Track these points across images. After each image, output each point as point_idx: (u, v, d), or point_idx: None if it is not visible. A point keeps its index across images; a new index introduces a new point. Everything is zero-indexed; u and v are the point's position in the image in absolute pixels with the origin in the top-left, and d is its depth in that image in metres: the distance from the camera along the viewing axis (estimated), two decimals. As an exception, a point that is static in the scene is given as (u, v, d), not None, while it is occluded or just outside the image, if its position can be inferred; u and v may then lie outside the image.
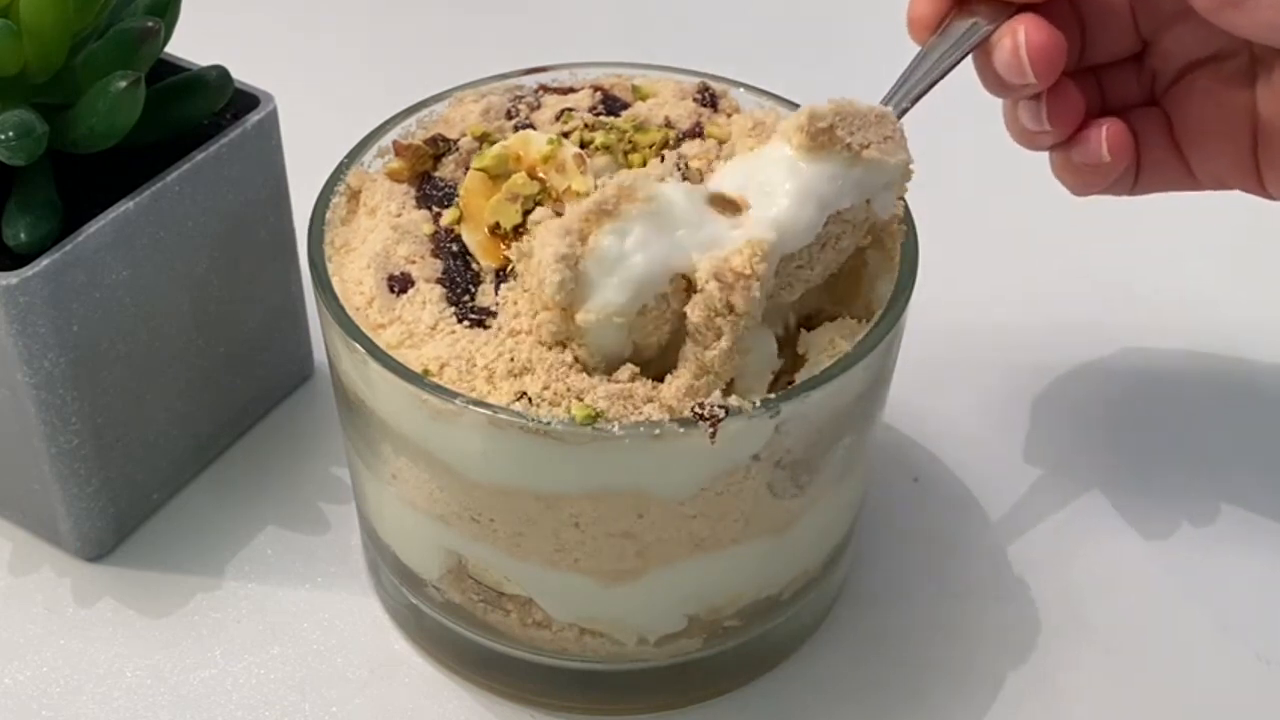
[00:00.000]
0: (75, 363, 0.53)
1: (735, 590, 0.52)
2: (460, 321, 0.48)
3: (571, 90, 0.57)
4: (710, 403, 0.46)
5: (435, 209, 0.52)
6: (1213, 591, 0.59)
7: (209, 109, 0.56)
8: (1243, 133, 0.53)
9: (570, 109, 0.55)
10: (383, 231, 0.51)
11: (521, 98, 0.57)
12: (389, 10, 0.90)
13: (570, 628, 0.52)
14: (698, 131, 0.54)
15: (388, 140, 0.55)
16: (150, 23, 0.53)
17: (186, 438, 0.60)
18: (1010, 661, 0.56)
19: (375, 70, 0.84)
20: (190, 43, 0.59)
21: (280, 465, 0.62)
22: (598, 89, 0.57)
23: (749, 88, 0.57)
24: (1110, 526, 0.61)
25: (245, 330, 0.61)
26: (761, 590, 0.52)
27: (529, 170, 0.51)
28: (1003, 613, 0.58)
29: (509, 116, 0.56)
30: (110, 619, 0.57)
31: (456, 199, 0.52)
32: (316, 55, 0.86)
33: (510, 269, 0.49)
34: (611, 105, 0.56)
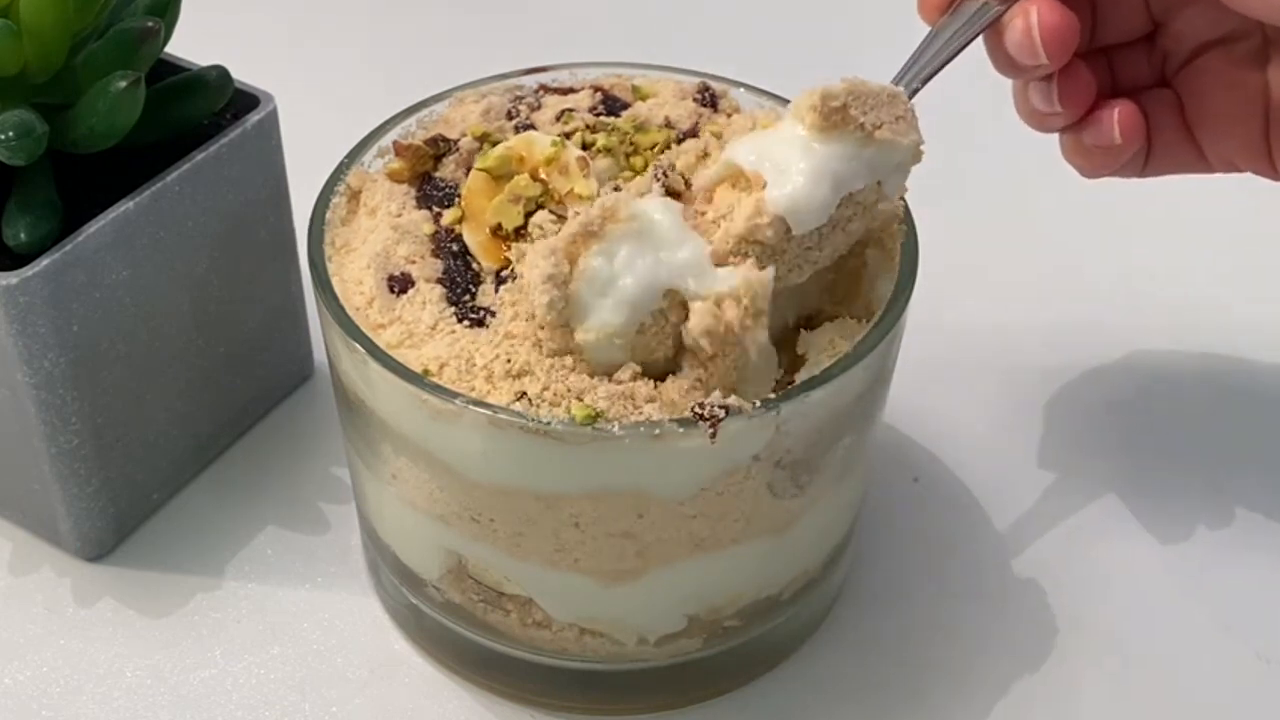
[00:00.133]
0: (75, 363, 0.53)
1: (735, 590, 0.52)
2: (460, 321, 0.48)
3: (571, 90, 0.57)
4: (710, 403, 0.46)
5: (435, 209, 0.52)
6: (1213, 591, 0.59)
7: (209, 109, 0.56)
8: (1254, 115, 0.53)
9: (570, 109, 0.55)
10: (383, 232, 0.51)
11: (522, 98, 0.57)
12: (389, 10, 0.90)
13: (570, 628, 0.52)
14: (698, 132, 0.54)
15: (388, 140, 0.55)
16: (150, 23, 0.53)
17: (186, 438, 0.60)
18: (1010, 662, 0.56)
19: (375, 70, 0.84)
20: (190, 43, 0.59)
21: (280, 465, 0.62)
22: (598, 89, 0.57)
23: (749, 88, 0.57)
24: (1110, 526, 0.61)
25: (245, 330, 0.61)
26: (761, 590, 0.52)
27: (532, 172, 0.51)
28: (1003, 613, 0.58)
29: (509, 117, 0.56)
30: (110, 619, 0.57)
31: (457, 199, 0.52)
32: (316, 55, 0.86)
33: (511, 269, 0.49)
34: (611, 105, 0.56)
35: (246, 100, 0.57)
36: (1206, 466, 0.63)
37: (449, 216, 0.51)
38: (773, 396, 0.46)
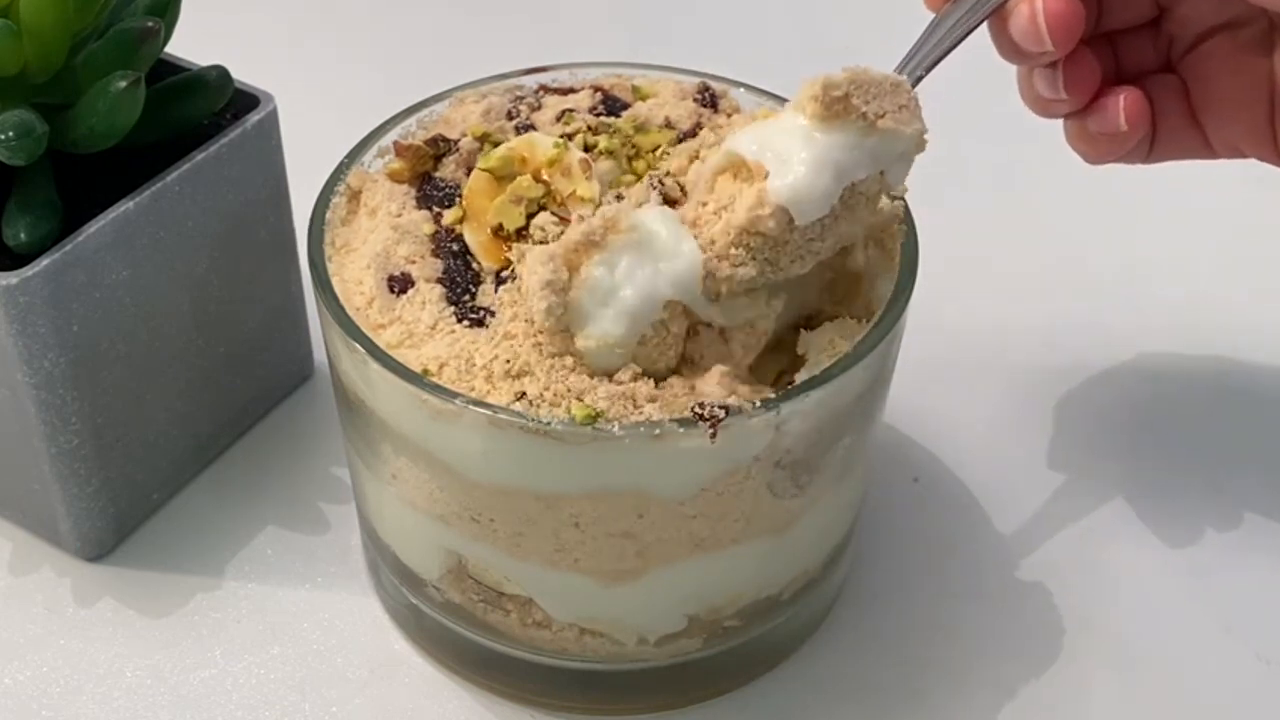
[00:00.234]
0: (75, 363, 0.53)
1: (735, 590, 0.52)
2: (460, 321, 0.48)
3: (572, 90, 0.57)
4: (710, 403, 0.46)
5: (436, 209, 0.52)
6: (1213, 591, 0.59)
7: (209, 109, 0.56)
8: (1260, 100, 0.52)
9: (571, 109, 0.55)
10: (383, 232, 0.51)
11: (522, 98, 0.57)
12: (389, 10, 0.90)
13: (570, 628, 0.52)
14: (698, 132, 0.54)
15: (388, 140, 0.55)
16: (150, 23, 0.53)
17: (186, 438, 0.60)
18: (1010, 662, 0.56)
19: (375, 70, 0.84)
20: (190, 43, 0.59)
21: (280, 465, 0.62)
22: (598, 89, 0.57)
23: (749, 88, 0.57)
24: (1111, 526, 0.61)
25: (245, 330, 0.61)
26: (761, 590, 0.52)
27: (534, 173, 0.51)
28: (1003, 613, 0.58)
29: (510, 117, 0.56)
30: (110, 619, 0.57)
31: (458, 199, 0.52)
32: (316, 55, 0.86)
33: (512, 270, 0.49)
34: (611, 105, 0.56)
35: (246, 100, 0.57)
36: (1207, 467, 0.63)
37: (450, 216, 0.51)
38: (773, 396, 0.46)
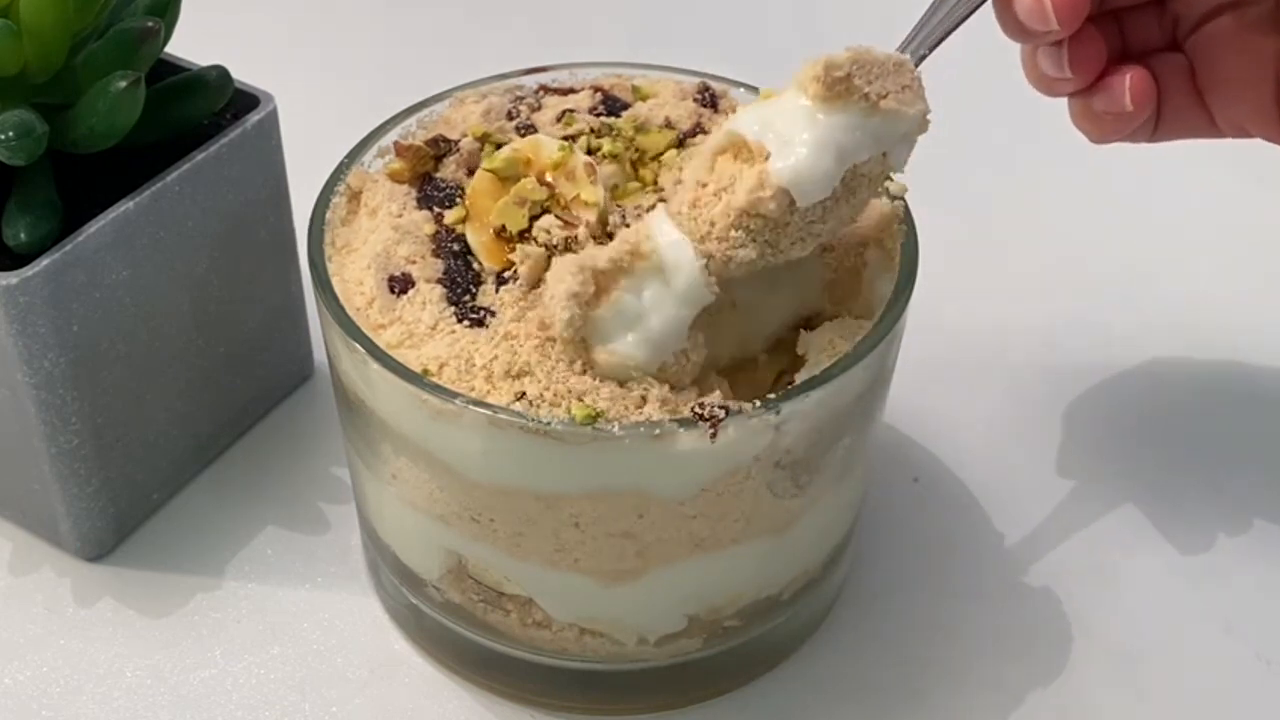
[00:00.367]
0: (75, 363, 0.53)
1: (735, 590, 0.52)
2: (460, 321, 0.48)
3: (572, 91, 0.57)
4: (710, 403, 0.46)
5: (436, 209, 0.52)
6: (1213, 591, 0.59)
7: (209, 109, 0.56)
8: (1266, 79, 0.52)
9: (571, 110, 0.55)
10: (383, 232, 0.51)
11: (522, 98, 0.57)
12: (389, 11, 0.90)
13: (570, 628, 0.52)
14: (698, 132, 0.54)
15: (388, 140, 0.55)
16: (150, 23, 0.53)
17: (186, 438, 0.60)
18: (1010, 662, 0.56)
19: (375, 70, 0.84)
20: (190, 43, 0.59)
21: (280, 465, 0.62)
22: (598, 89, 0.57)
23: (749, 88, 0.57)
24: (1111, 525, 0.61)
25: (245, 330, 0.61)
26: (761, 590, 0.52)
27: (538, 175, 0.51)
28: (1003, 613, 0.58)
29: (510, 117, 0.56)
30: (110, 619, 0.57)
31: (458, 199, 0.52)
32: (316, 55, 0.86)
33: (513, 271, 0.49)
34: (612, 106, 0.56)
35: (246, 100, 0.57)
36: (1207, 466, 0.63)
37: (452, 216, 0.51)
38: (773, 396, 0.46)
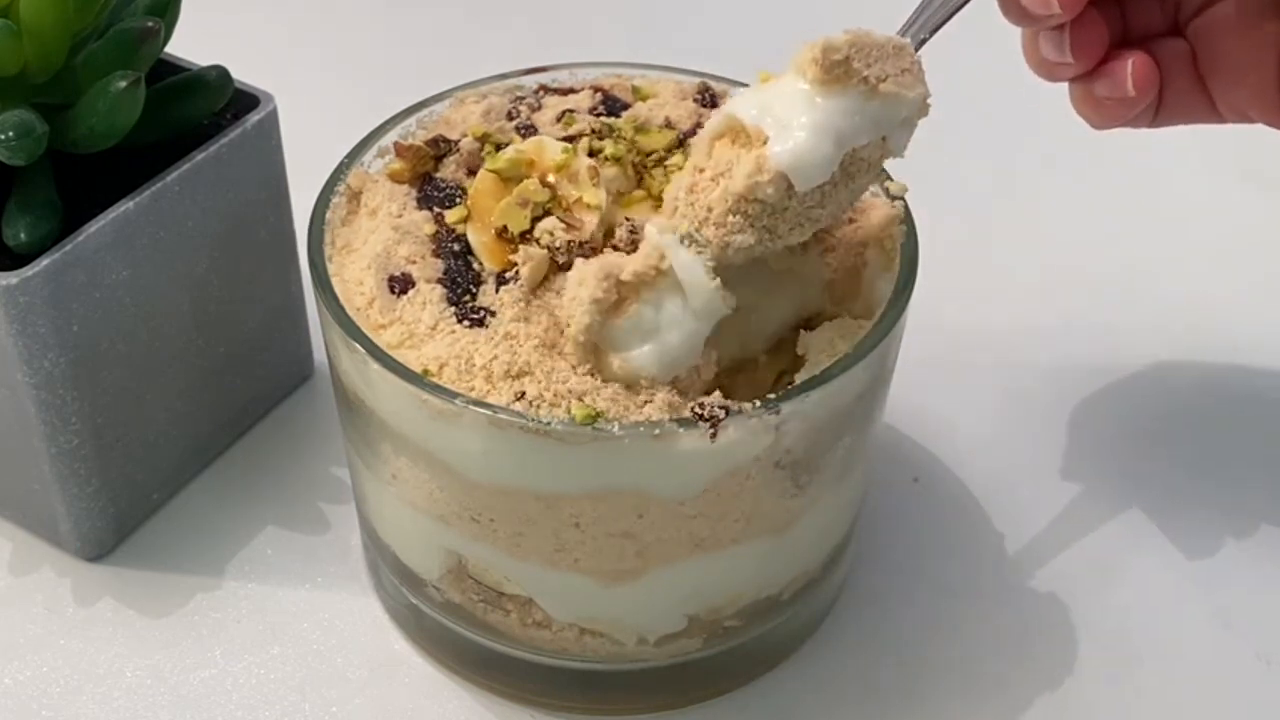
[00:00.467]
0: (75, 363, 0.53)
1: (735, 590, 0.52)
2: (460, 322, 0.48)
3: (572, 91, 0.57)
4: (710, 403, 0.46)
5: (436, 209, 0.52)
6: (1213, 590, 0.59)
7: (209, 109, 0.56)
8: (1267, 64, 0.52)
9: (571, 110, 0.55)
10: (383, 232, 0.51)
11: (522, 98, 0.57)
12: (389, 11, 0.90)
13: (570, 628, 0.52)
14: (698, 132, 0.54)
15: (388, 140, 0.55)
16: (150, 23, 0.53)
17: (186, 438, 0.60)
18: (1010, 661, 0.56)
19: (375, 70, 0.84)
20: (190, 43, 0.59)
21: (280, 465, 0.62)
22: (598, 89, 0.57)
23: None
24: (1110, 525, 0.61)
25: (245, 330, 0.61)
26: (761, 590, 0.52)
27: (541, 177, 0.51)
28: (1003, 613, 0.58)
29: (510, 118, 0.56)
30: (110, 619, 0.57)
31: (459, 199, 0.52)
32: (316, 55, 0.86)
33: (514, 272, 0.49)
34: (611, 106, 0.56)
35: (246, 100, 0.57)
36: (1207, 466, 0.63)
37: (454, 215, 0.51)
38: (773, 396, 0.46)
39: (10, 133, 0.50)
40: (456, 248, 0.51)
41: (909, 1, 0.52)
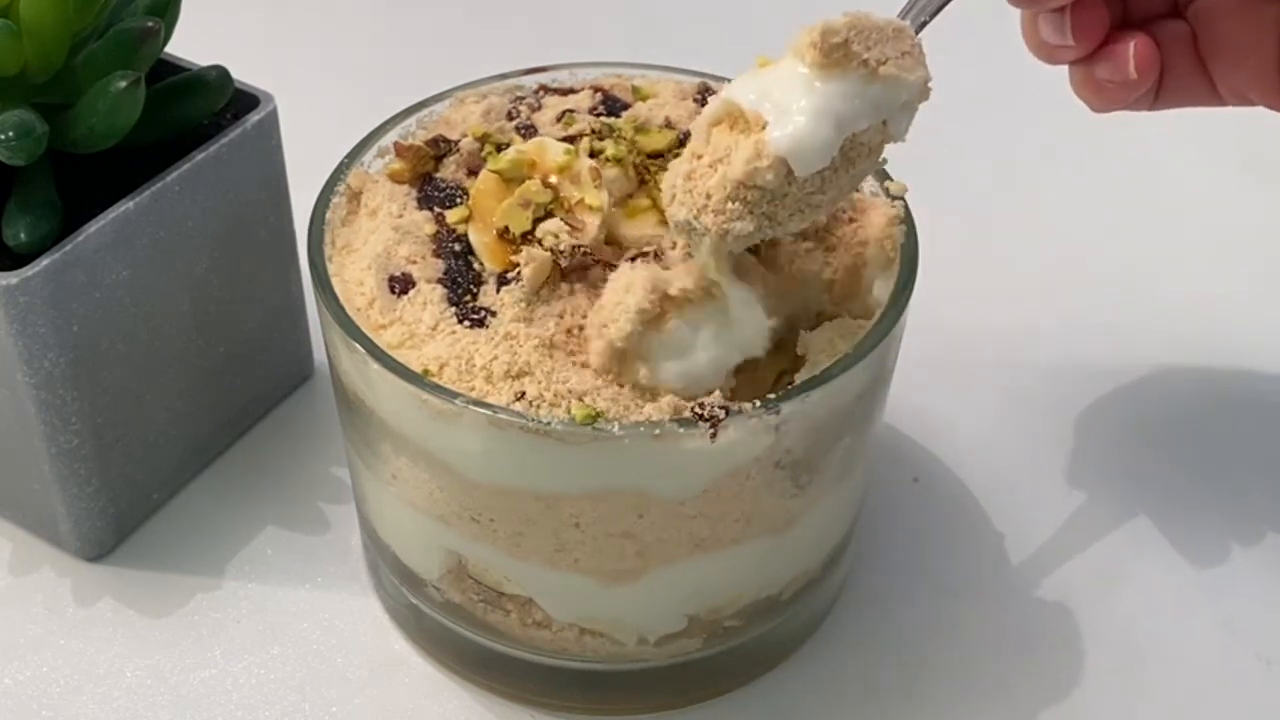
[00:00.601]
0: (75, 363, 0.53)
1: (735, 590, 0.52)
2: (460, 322, 0.48)
3: (572, 91, 0.57)
4: (710, 403, 0.46)
5: (437, 210, 0.52)
6: (1213, 591, 0.59)
7: (209, 109, 0.56)
8: (1267, 46, 0.51)
9: (571, 110, 0.55)
10: (384, 232, 0.51)
11: (522, 98, 0.57)
12: (388, 11, 0.90)
13: (570, 628, 0.52)
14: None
15: (388, 140, 0.55)
16: (150, 23, 0.53)
17: (186, 438, 0.60)
18: (1010, 661, 0.56)
19: (375, 70, 0.84)
20: (190, 43, 0.59)
21: (280, 465, 0.62)
22: (598, 89, 0.57)
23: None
24: (1110, 526, 0.61)
25: (245, 330, 0.61)
26: (761, 590, 0.52)
27: (543, 178, 0.51)
28: (1003, 613, 0.58)
29: (510, 118, 0.56)
30: (110, 619, 0.57)
31: (459, 199, 0.52)
32: (316, 55, 0.86)
33: (516, 273, 0.49)
34: (611, 106, 0.56)
35: (246, 100, 0.57)
36: (1207, 466, 0.63)
37: (455, 216, 0.51)
38: (773, 396, 0.46)
39: (10, 133, 0.50)
40: (457, 248, 0.51)
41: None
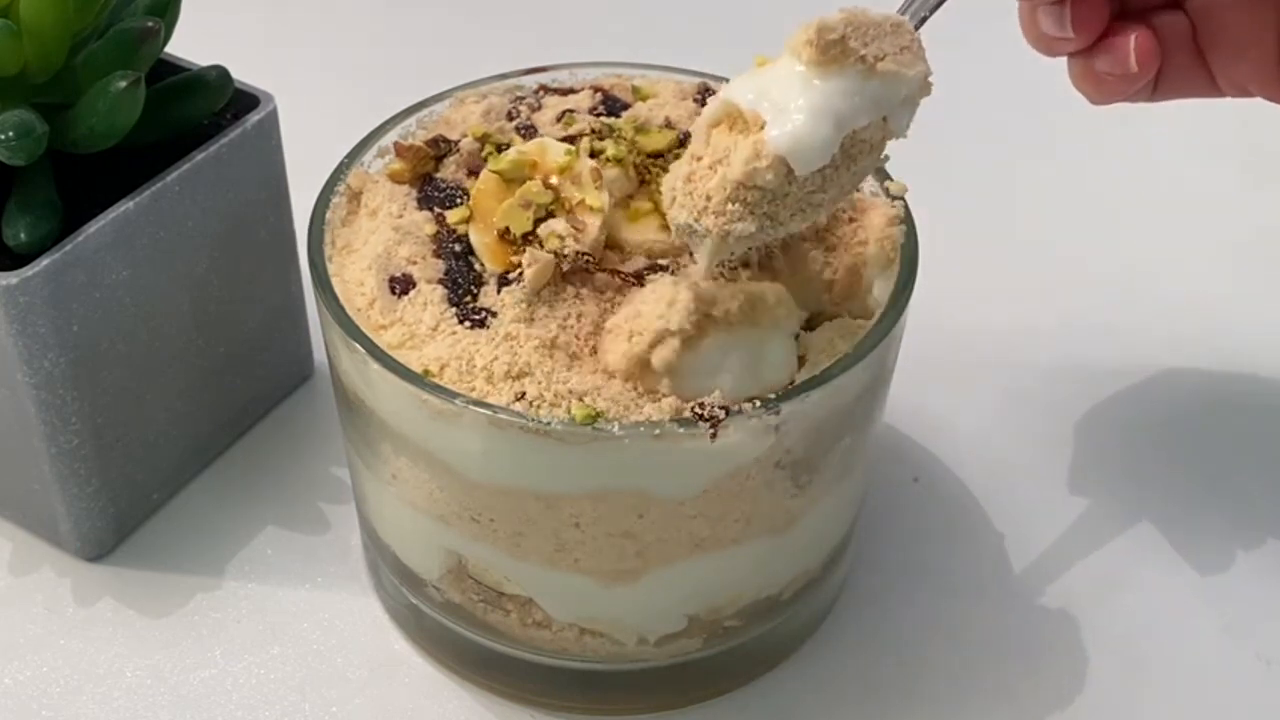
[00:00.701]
0: (75, 363, 0.53)
1: (735, 590, 0.52)
2: (461, 322, 0.48)
3: (572, 91, 0.57)
4: (710, 402, 0.46)
5: (437, 210, 0.52)
6: (1213, 591, 0.59)
7: (209, 109, 0.56)
8: (1267, 39, 0.51)
9: (571, 110, 0.55)
10: (384, 233, 0.51)
11: (522, 98, 0.57)
12: (388, 11, 0.90)
13: (570, 628, 0.52)
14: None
15: (388, 140, 0.55)
16: (150, 23, 0.53)
17: (186, 438, 0.60)
18: (1010, 661, 0.56)
19: (375, 70, 0.84)
20: (190, 43, 0.59)
21: (280, 465, 0.62)
22: (598, 89, 0.57)
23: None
24: (1110, 526, 0.61)
25: (245, 330, 0.61)
26: (761, 590, 0.52)
27: (544, 178, 0.51)
28: (1003, 612, 0.58)
29: (510, 118, 0.56)
30: (110, 619, 0.57)
31: (460, 199, 0.52)
32: (316, 55, 0.86)
33: (518, 273, 0.49)
34: (611, 106, 0.56)
35: (246, 100, 0.57)
36: (1207, 465, 0.63)
37: (455, 216, 0.51)
38: (773, 396, 0.46)
39: (10, 133, 0.50)
40: (457, 248, 0.51)
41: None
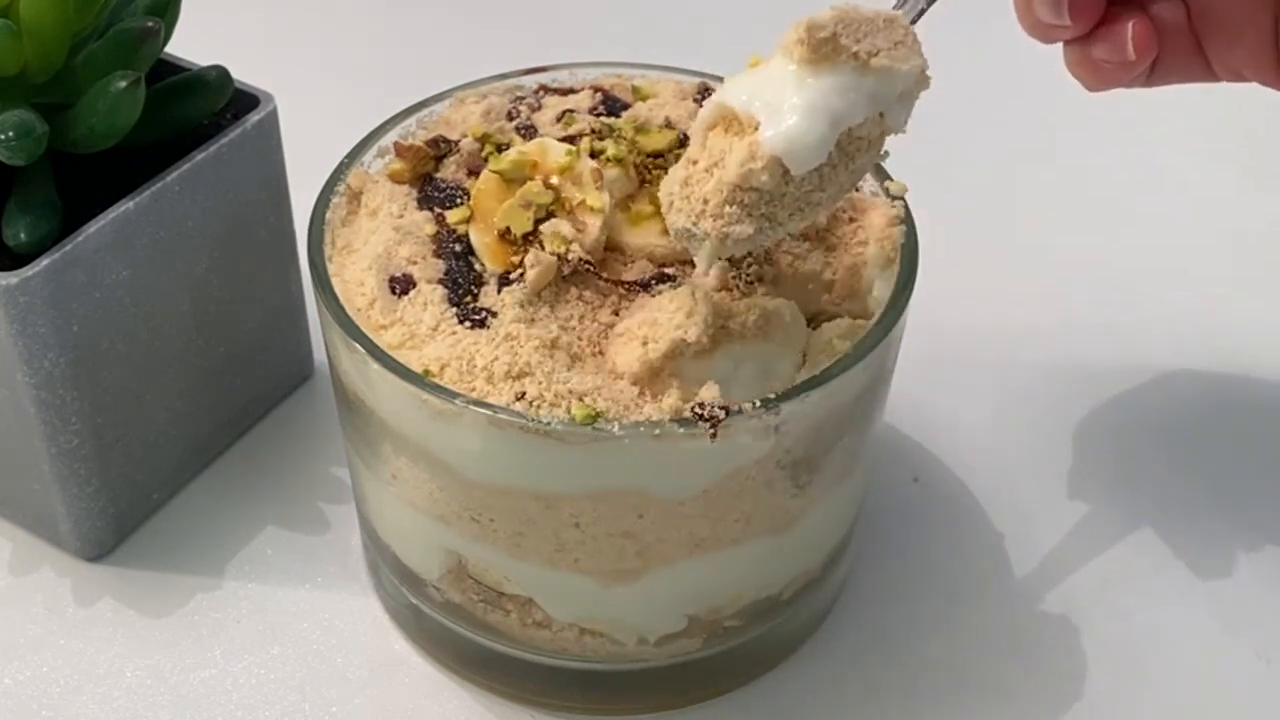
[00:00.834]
0: (75, 363, 0.53)
1: (735, 590, 0.52)
2: (461, 322, 0.48)
3: (572, 91, 0.57)
4: (710, 402, 0.46)
5: (437, 210, 0.52)
6: (1213, 590, 0.59)
7: (209, 109, 0.56)
8: (1263, 24, 0.51)
9: (571, 110, 0.55)
10: (384, 233, 0.51)
11: (522, 98, 0.57)
12: (389, 11, 0.90)
13: (570, 628, 0.52)
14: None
15: (388, 140, 0.55)
16: (150, 23, 0.53)
17: (186, 438, 0.60)
18: (1010, 661, 0.56)
19: (375, 70, 0.84)
20: (190, 43, 0.59)
21: (280, 465, 0.62)
22: (598, 89, 0.57)
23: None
24: (1110, 525, 0.61)
25: (245, 330, 0.61)
26: (761, 590, 0.52)
27: (544, 178, 0.51)
28: (1003, 612, 0.58)
29: (510, 118, 0.56)
30: (110, 619, 0.57)
31: (460, 199, 0.52)
32: (316, 55, 0.86)
33: (518, 274, 0.49)
34: (611, 106, 0.56)
35: (246, 100, 0.57)
36: (1207, 466, 0.63)
37: (456, 216, 0.51)
38: (773, 396, 0.46)
39: (10, 133, 0.50)
40: (458, 248, 0.51)
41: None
